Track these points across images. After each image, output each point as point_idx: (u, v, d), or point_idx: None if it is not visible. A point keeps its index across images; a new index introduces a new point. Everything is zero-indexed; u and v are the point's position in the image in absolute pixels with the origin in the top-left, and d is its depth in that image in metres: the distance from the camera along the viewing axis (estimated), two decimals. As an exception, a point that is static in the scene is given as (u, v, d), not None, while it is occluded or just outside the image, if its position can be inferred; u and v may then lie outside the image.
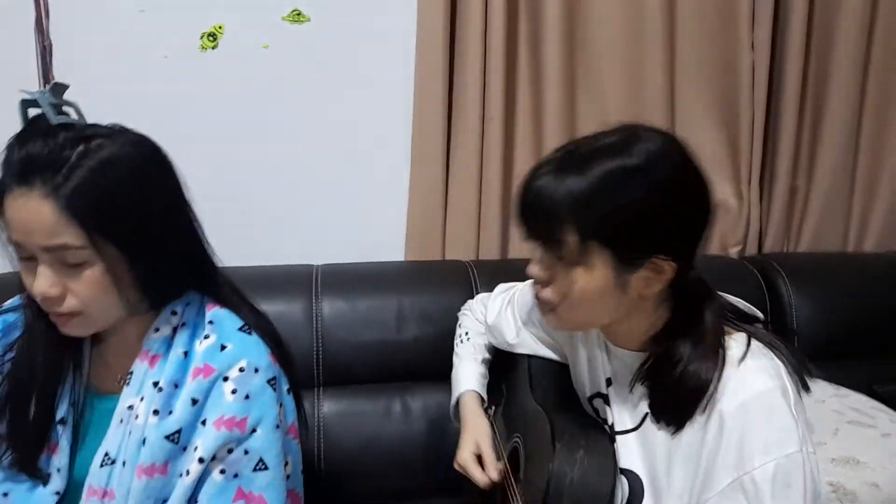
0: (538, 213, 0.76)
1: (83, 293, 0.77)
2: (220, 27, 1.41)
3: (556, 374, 1.01)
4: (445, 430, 1.15)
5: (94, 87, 0.85)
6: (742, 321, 0.81)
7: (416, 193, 1.48)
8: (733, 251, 1.58)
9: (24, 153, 0.74)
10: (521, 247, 1.54)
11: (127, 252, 0.77)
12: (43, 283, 0.75)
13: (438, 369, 1.19)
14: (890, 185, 1.63)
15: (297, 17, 1.43)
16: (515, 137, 1.50)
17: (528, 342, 1.07)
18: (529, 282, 1.10)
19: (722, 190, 1.54)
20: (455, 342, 1.18)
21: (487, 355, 1.15)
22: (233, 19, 1.41)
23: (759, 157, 1.55)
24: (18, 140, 0.76)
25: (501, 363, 1.15)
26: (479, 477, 0.98)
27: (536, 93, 1.48)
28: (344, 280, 1.33)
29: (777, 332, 0.81)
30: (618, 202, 0.73)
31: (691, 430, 0.77)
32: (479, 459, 1.02)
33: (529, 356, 1.07)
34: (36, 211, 0.73)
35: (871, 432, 1.09)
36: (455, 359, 1.16)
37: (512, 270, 1.22)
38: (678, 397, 0.77)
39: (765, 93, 1.52)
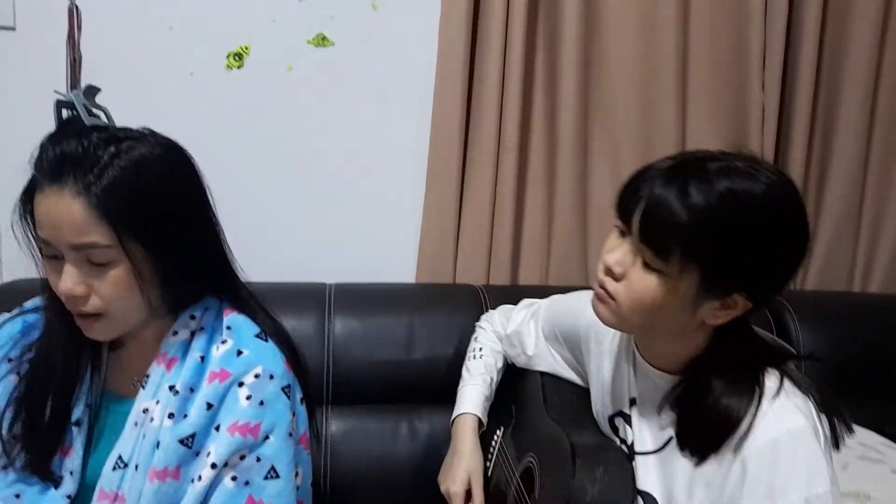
0: (653, 219, 0.73)
1: (107, 293, 0.78)
2: (246, 48, 1.45)
3: (571, 393, 1.02)
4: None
5: (119, 99, 0.87)
6: (777, 358, 0.81)
7: (430, 217, 1.50)
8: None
9: (57, 152, 0.76)
10: (530, 274, 1.55)
11: (153, 252, 0.79)
12: (69, 281, 0.76)
13: (447, 392, 1.19)
14: (893, 229, 1.66)
15: (321, 41, 1.47)
16: (529, 166, 1.53)
17: (547, 358, 1.07)
18: (555, 298, 1.11)
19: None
20: (468, 355, 1.18)
21: (496, 376, 1.15)
22: (259, 41, 1.45)
23: (768, 196, 1.57)
24: (52, 139, 0.78)
25: (510, 385, 1.15)
26: None
27: (551, 125, 1.51)
28: (357, 299, 1.34)
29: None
30: (734, 226, 0.71)
31: (718, 459, 0.77)
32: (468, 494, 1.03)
33: (542, 375, 1.07)
34: (67, 208, 0.75)
35: (880, 468, 1.09)
36: (465, 372, 1.16)
37: (522, 296, 1.24)
38: (707, 428, 0.77)
39: (774, 133, 1.55)
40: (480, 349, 1.17)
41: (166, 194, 0.79)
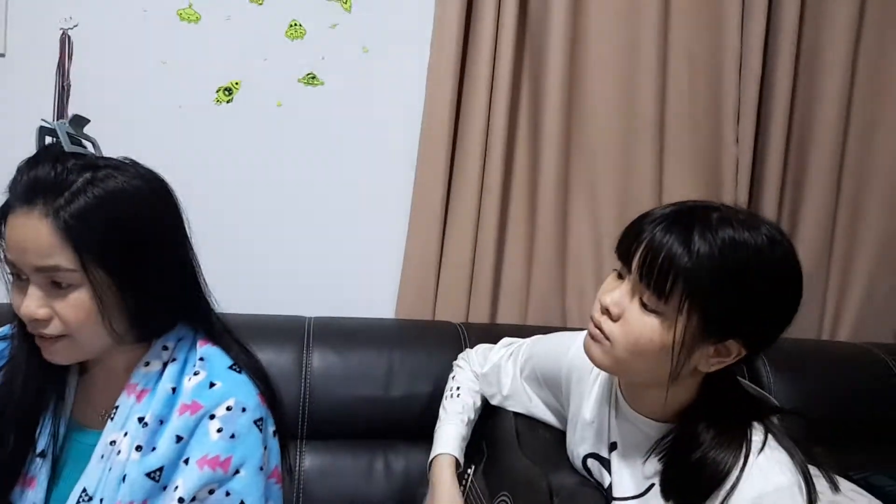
0: (654, 260, 0.74)
1: (69, 316, 0.77)
2: (236, 83, 1.48)
3: (545, 433, 1.01)
4: (426, 493, 1.13)
5: (106, 129, 0.88)
6: (763, 411, 0.81)
7: (412, 254, 1.51)
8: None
9: (31, 175, 0.76)
10: (509, 313, 1.56)
11: (117, 281, 0.78)
12: (31, 303, 0.76)
13: (424, 429, 1.18)
14: (861, 280, 1.70)
15: (311, 79, 1.50)
16: (510, 210, 1.56)
17: (522, 399, 1.07)
18: (536, 338, 1.11)
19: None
20: (445, 394, 1.17)
21: (473, 416, 1.14)
22: (250, 77, 1.48)
23: (741, 245, 1.62)
24: (28, 164, 0.78)
25: (482, 422, 1.14)
26: None
27: (533, 170, 1.55)
28: (336, 334, 1.34)
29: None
30: (735, 273, 0.73)
31: None
32: None
33: (515, 414, 1.06)
34: (34, 229, 0.75)
35: (850, 515, 1.10)
36: (441, 412, 1.15)
37: (501, 335, 1.24)
38: (694, 480, 0.77)
39: (747, 186, 1.60)
40: (458, 388, 1.16)
41: (138, 227, 0.79)
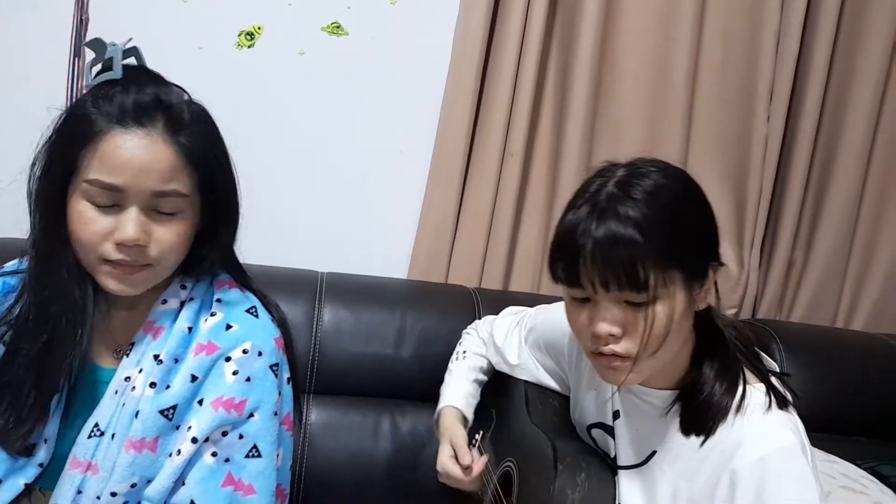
0: (614, 259, 0.72)
1: (167, 242, 0.77)
2: (259, 28, 1.44)
3: (554, 401, 1.01)
4: (431, 454, 1.12)
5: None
6: (759, 363, 0.81)
7: (428, 215, 1.49)
8: (729, 313, 1.60)
9: (143, 97, 0.75)
10: (522, 281, 1.55)
11: (209, 208, 0.80)
12: (135, 228, 0.74)
13: (431, 390, 1.17)
14: (880, 272, 1.68)
15: (336, 29, 1.46)
16: (531, 175, 1.53)
17: (530, 367, 1.06)
18: (541, 307, 1.10)
19: (724, 254, 1.57)
20: (451, 358, 1.17)
21: (481, 376, 1.14)
22: (273, 22, 1.44)
23: (763, 226, 1.60)
24: (123, 84, 0.76)
25: (491, 389, 1.14)
26: (459, 473, 0.97)
27: (557, 137, 1.52)
28: (348, 290, 1.33)
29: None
30: (676, 218, 0.74)
31: (705, 475, 0.76)
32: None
33: (526, 381, 1.06)
34: (157, 152, 0.74)
35: (863, 499, 1.09)
36: (447, 374, 1.15)
37: (514, 301, 1.23)
38: (708, 409, 0.78)
39: (774, 166, 1.57)
40: (464, 352, 1.16)
41: (219, 148, 0.82)
